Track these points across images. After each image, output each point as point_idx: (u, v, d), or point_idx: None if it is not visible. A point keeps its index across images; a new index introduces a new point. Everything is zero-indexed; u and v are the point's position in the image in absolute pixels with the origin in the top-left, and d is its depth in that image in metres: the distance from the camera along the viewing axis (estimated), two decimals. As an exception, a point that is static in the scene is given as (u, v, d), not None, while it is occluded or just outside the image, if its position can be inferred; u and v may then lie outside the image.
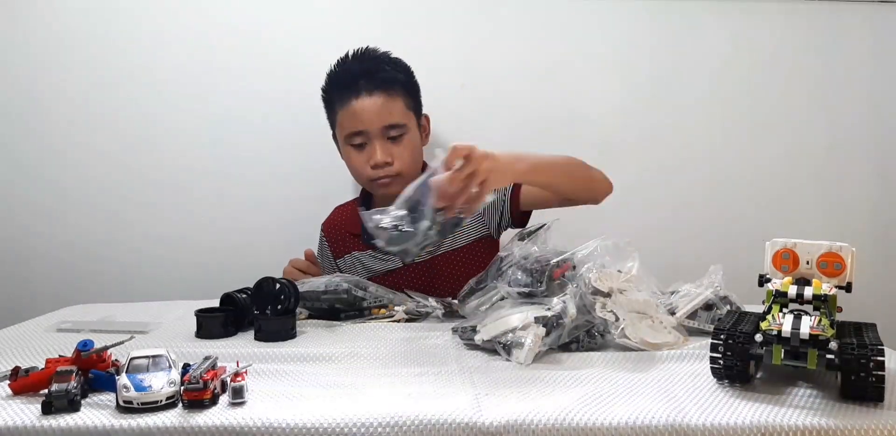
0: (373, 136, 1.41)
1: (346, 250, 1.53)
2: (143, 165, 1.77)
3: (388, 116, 1.41)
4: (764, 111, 1.82)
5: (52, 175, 1.77)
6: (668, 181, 1.83)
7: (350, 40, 1.74)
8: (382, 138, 1.41)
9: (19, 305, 1.72)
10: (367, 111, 1.40)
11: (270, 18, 1.76)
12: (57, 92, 1.75)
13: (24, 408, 0.80)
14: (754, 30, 1.80)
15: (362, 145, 1.43)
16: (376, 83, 1.41)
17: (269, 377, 0.92)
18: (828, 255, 0.90)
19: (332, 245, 1.55)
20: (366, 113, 1.40)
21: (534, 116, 1.80)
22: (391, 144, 1.42)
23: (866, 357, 0.80)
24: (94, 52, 1.74)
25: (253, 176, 1.79)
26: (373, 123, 1.40)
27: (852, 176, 1.84)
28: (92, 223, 1.78)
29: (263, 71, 1.76)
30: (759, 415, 0.79)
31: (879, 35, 1.81)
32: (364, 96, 1.40)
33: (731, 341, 0.86)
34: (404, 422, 0.77)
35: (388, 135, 1.42)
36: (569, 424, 0.77)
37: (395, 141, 1.42)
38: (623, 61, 1.80)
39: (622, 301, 1.07)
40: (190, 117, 1.76)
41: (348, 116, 1.41)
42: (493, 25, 1.78)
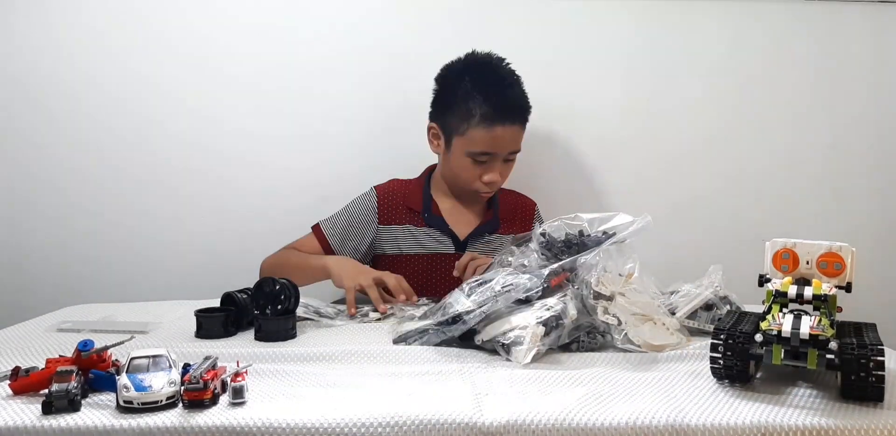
0: (497, 158, 1.51)
1: (398, 221, 1.58)
2: (143, 165, 1.77)
3: (516, 144, 1.53)
4: (764, 111, 1.82)
5: (52, 175, 1.76)
6: (667, 181, 1.82)
7: (350, 40, 1.76)
8: (502, 160, 1.52)
9: (19, 305, 1.72)
10: (506, 139, 1.49)
11: (270, 18, 1.75)
12: (57, 92, 1.74)
13: (24, 408, 0.80)
14: (754, 30, 1.80)
15: (483, 162, 1.51)
16: (522, 116, 1.53)
17: (269, 377, 0.92)
18: (828, 255, 0.90)
19: (381, 209, 1.58)
20: (504, 141, 1.49)
21: (533, 115, 1.79)
22: (504, 165, 1.54)
23: (866, 357, 0.81)
24: (93, 52, 1.74)
25: (253, 176, 1.79)
26: (504, 149, 1.51)
27: (852, 176, 1.84)
28: (92, 223, 1.77)
29: (263, 71, 1.76)
30: (759, 415, 0.79)
31: (879, 35, 1.81)
32: (508, 125, 1.49)
33: (731, 341, 0.86)
34: (404, 422, 0.77)
35: (507, 158, 1.53)
36: (569, 424, 0.77)
37: (507, 164, 1.55)
38: (623, 61, 1.80)
39: (624, 304, 1.07)
40: (190, 118, 1.76)
41: (487, 137, 1.48)
42: (493, 24, 1.77)
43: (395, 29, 1.75)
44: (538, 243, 1.17)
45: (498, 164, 1.51)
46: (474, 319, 1.04)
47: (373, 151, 1.77)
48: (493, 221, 1.59)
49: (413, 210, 1.57)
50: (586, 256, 1.11)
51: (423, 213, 1.56)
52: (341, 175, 1.76)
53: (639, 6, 1.78)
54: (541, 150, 1.80)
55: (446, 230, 1.56)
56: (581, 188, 1.81)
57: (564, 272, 1.10)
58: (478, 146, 1.48)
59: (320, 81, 1.77)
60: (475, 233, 1.57)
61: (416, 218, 1.57)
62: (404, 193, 1.60)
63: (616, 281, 1.11)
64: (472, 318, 1.04)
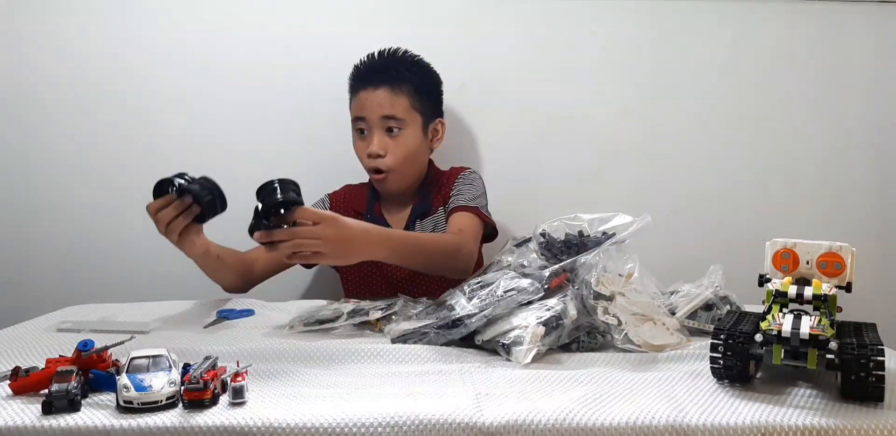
0: (372, 125, 1.53)
1: None
2: (142, 164, 1.77)
3: (388, 108, 1.52)
4: (764, 111, 1.82)
5: (51, 175, 1.77)
6: (667, 181, 1.82)
7: (350, 40, 1.75)
8: (381, 130, 1.53)
9: (19, 305, 1.72)
10: (370, 101, 1.52)
11: (270, 18, 1.75)
12: (57, 92, 1.75)
13: (24, 408, 0.80)
14: (754, 30, 1.80)
15: (363, 133, 1.54)
16: (383, 78, 1.53)
17: (269, 377, 0.92)
18: (828, 255, 0.90)
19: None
20: (368, 102, 1.53)
21: (534, 115, 1.80)
22: (387, 138, 1.53)
23: (866, 357, 0.80)
24: (93, 52, 1.74)
25: (252, 176, 1.77)
26: (373, 112, 1.52)
27: (852, 176, 1.84)
28: (92, 223, 1.78)
29: (262, 72, 1.76)
30: (759, 415, 0.79)
31: (880, 35, 1.81)
32: (371, 88, 1.53)
33: (731, 341, 0.86)
34: (404, 422, 0.77)
35: (385, 126, 1.52)
36: (569, 424, 0.77)
37: (391, 135, 1.53)
38: (623, 61, 1.80)
39: (624, 304, 1.07)
40: (190, 117, 1.76)
41: (356, 103, 1.55)
42: (494, 25, 1.78)
43: (395, 29, 1.75)
44: (538, 244, 1.18)
45: (376, 134, 1.52)
46: (476, 323, 1.04)
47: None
48: (423, 203, 1.59)
49: (358, 212, 1.60)
50: (586, 257, 1.11)
51: (365, 214, 1.59)
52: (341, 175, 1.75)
53: (639, 6, 1.78)
54: (541, 150, 1.81)
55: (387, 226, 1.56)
56: (581, 188, 1.81)
57: (564, 273, 1.10)
58: (352, 114, 1.55)
59: (321, 81, 1.77)
60: (409, 223, 1.58)
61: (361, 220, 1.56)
62: (352, 196, 1.65)
63: (616, 281, 1.11)
64: (473, 322, 1.04)
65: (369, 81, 1.54)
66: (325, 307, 1.28)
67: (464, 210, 1.51)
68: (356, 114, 1.54)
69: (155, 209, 1.27)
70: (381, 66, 1.57)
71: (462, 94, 1.73)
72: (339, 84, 1.75)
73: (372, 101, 1.52)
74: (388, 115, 1.52)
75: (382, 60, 1.58)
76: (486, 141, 1.80)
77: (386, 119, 1.52)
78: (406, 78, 1.55)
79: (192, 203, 1.23)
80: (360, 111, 1.53)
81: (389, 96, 1.52)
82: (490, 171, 1.80)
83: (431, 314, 1.12)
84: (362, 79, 1.56)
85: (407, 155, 1.54)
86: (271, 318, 1.30)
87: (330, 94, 1.76)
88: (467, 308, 1.05)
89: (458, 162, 1.72)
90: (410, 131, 1.54)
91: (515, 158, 1.81)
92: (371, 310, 1.26)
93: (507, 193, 1.79)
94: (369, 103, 1.52)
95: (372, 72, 1.56)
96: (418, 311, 1.17)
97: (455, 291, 1.13)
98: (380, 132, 1.52)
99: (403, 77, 1.55)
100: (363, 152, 1.54)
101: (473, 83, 1.76)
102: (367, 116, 1.52)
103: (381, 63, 1.57)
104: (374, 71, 1.56)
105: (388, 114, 1.52)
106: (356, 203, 1.63)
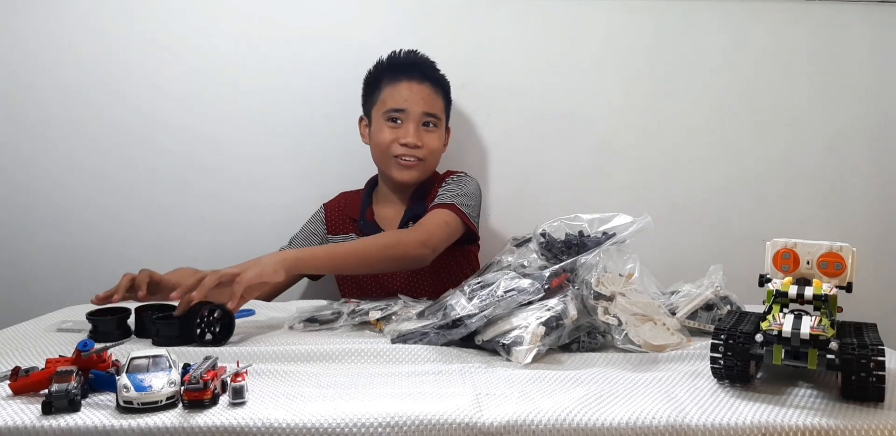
0: (411, 117, 1.54)
1: (344, 231, 1.63)
2: (142, 165, 1.77)
3: (431, 105, 1.56)
4: (764, 111, 1.82)
5: (51, 175, 1.76)
6: (667, 181, 1.82)
7: (350, 40, 1.76)
8: (418, 123, 1.55)
9: (19, 305, 1.72)
10: (415, 94, 1.54)
11: (270, 18, 1.75)
12: (57, 92, 1.74)
13: (24, 408, 0.80)
14: (754, 30, 1.80)
15: (397, 122, 1.54)
16: (428, 74, 1.58)
17: (269, 377, 0.92)
18: (828, 255, 0.90)
19: (329, 223, 1.65)
20: (413, 95, 1.54)
21: (533, 115, 1.80)
22: (424, 131, 1.55)
23: (866, 357, 0.80)
24: (93, 52, 1.74)
25: (251, 177, 1.79)
26: (417, 106, 1.54)
27: (852, 176, 1.84)
28: (92, 224, 1.78)
29: (261, 73, 1.76)
30: (759, 415, 0.79)
31: (879, 35, 1.81)
32: (416, 81, 1.55)
33: (732, 340, 0.86)
34: (404, 422, 0.77)
35: (423, 120, 1.55)
36: (569, 424, 0.77)
37: (427, 129, 1.56)
38: (623, 61, 1.80)
39: (624, 304, 1.07)
40: (189, 119, 1.76)
41: (395, 92, 1.54)
42: (493, 25, 1.78)
43: (398, 32, 1.75)
44: (538, 244, 1.17)
45: (413, 126, 1.53)
46: (476, 323, 1.04)
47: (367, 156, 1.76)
48: (416, 206, 1.59)
49: (353, 219, 1.62)
50: (586, 257, 1.11)
51: (359, 220, 1.61)
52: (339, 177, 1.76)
53: (639, 6, 1.78)
54: (541, 150, 1.81)
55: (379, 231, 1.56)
56: (581, 188, 1.81)
57: (565, 273, 1.10)
58: (388, 104, 1.54)
59: (321, 82, 1.77)
60: (402, 224, 1.58)
61: (356, 226, 1.62)
62: (346, 203, 1.66)
63: (616, 281, 1.11)
64: (473, 322, 1.04)
65: (413, 74, 1.55)
66: (325, 307, 1.28)
67: (440, 207, 1.49)
68: (395, 104, 1.53)
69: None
70: (424, 62, 1.59)
71: (462, 95, 1.73)
72: (338, 84, 1.76)
73: (416, 94, 1.54)
74: (429, 111, 1.55)
75: (423, 58, 1.60)
76: (486, 141, 1.80)
77: (426, 114, 1.55)
78: (444, 80, 1.61)
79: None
80: (401, 102, 1.53)
81: (432, 93, 1.56)
82: (490, 171, 1.80)
83: (431, 314, 1.12)
84: (405, 70, 1.55)
85: (437, 150, 1.59)
86: (271, 318, 1.30)
87: (328, 97, 1.76)
88: (467, 308, 1.05)
89: (458, 162, 1.73)
90: (440, 130, 1.59)
91: (515, 157, 1.81)
92: (371, 310, 1.26)
93: (507, 193, 1.80)
94: (413, 96, 1.53)
95: (417, 66, 1.57)
96: (418, 311, 1.17)
97: (455, 292, 1.13)
98: (416, 125, 1.54)
99: (442, 78, 1.61)
100: (390, 140, 1.53)
101: (473, 83, 1.76)
102: (408, 108, 1.53)
103: (423, 60, 1.60)
104: (418, 65, 1.58)
105: (429, 110, 1.55)
106: (351, 210, 1.64)
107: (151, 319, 1.12)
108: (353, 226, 1.62)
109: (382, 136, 1.54)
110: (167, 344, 1.06)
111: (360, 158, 1.69)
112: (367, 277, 1.59)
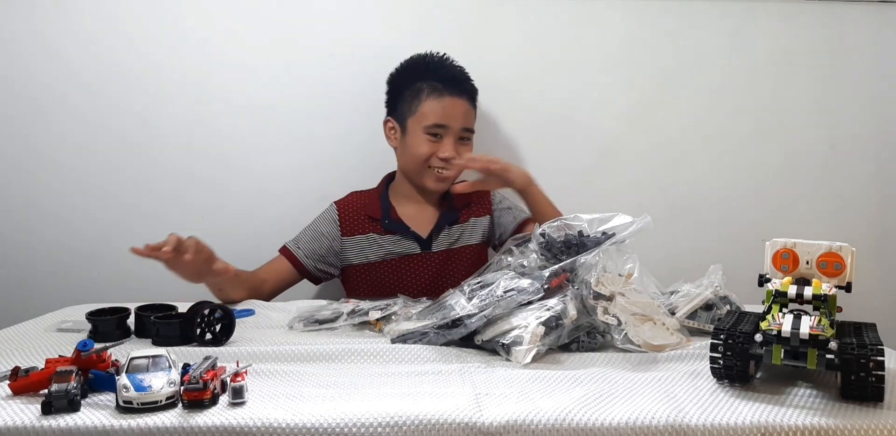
0: (451, 133, 1.56)
1: (361, 231, 1.61)
2: (141, 166, 1.77)
3: (469, 120, 1.59)
4: (764, 111, 1.82)
5: (51, 176, 1.76)
6: (667, 181, 1.82)
7: (350, 40, 1.75)
8: (456, 137, 1.57)
9: (19, 305, 1.72)
10: (457, 110, 1.56)
11: (270, 18, 1.75)
12: (56, 93, 1.74)
13: (24, 408, 0.80)
14: (754, 30, 1.80)
15: (437, 137, 1.56)
16: (466, 89, 1.60)
17: (269, 377, 0.92)
18: (828, 255, 0.90)
19: (343, 223, 1.62)
20: (455, 111, 1.56)
21: (534, 115, 1.80)
22: (459, 144, 1.58)
23: (866, 357, 0.81)
24: (92, 54, 1.73)
25: (250, 178, 1.79)
26: (457, 122, 1.56)
27: (852, 176, 1.83)
28: (92, 224, 1.77)
29: (261, 74, 1.76)
30: (759, 415, 0.79)
31: (880, 35, 1.81)
32: (457, 96, 1.57)
33: (731, 340, 0.86)
34: (404, 422, 0.77)
35: (460, 135, 1.58)
36: (569, 424, 0.77)
37: (463, 143, 1.59)
38: (623, 61, 1.80)
39: (624, 304, 1.07)
40: (189, 120, 1.76)
41: (438, 108, 1.55)
42: (494, 25, 1.77)
43: (398, 33, 1.75)
44: (538, 244, 1.18)
45: (451, 140, 1.55)
46: (476, 323, 1.04)
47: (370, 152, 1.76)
48: (451, 213, 1.61)
49: (373, 218, 1.61)
50: (586, 257, 1.11)
51: (382, 219, 1.60)
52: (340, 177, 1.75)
53: (639, 6, 1.78)
54: (541, 150, 1.81)
55: (408, 232, 1.58)
56: (581, 188, 1.81)
57: (564, 273, 1.11)
58: (430, 119, 1.54)
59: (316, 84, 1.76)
60: (436, 228, 1.59)
61: (377, 226, 1.60)
62: (363, 203, 1.64)
63: (616, 281, 1.11)
64: (473, 322, 1.04)
65: (454, 89, 1.56)
66: (325, 307, 1.28)
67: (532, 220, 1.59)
68: (438, 120, 1.54)
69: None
70: (462, 76, 1.61)
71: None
72: (339, 84, 1.76)
73: (457, 110, 1.56)
74: (466, 126, 1.58)
75: (460, 70, 1.61)
76: (487, 141, 1.79)
77: (464, 129, 1.57)
78: (476, 92, 1.63)
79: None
80: (444, 118, 1.54)
81: (469, 108, 1.59)
82: (490, 171, 1.80)
83: (431, 314, 1.12)
84: (448, 83, 1.57)
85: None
86: (271, 318, 1.30)
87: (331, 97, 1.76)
88: (467, 308, 1.05)
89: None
90: (471, 145, 1.61)
91: (515, 157, 1.81)
92: (371, 310, 1.26)
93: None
94: (455, 112, 1.55)
95: (458, 81, 1.59)
96: (418, 311, 1.17)
97: (455, 292, 1.13)
98: (454, 139, 1.56)
99: (475, 91, 1.63)
100: (429, 154, 1.55)
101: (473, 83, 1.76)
102: (449, 124, 1.55)
103: (461, 73, 1.61)
104: (459, 81, 1.59)
105: (467, 126, 1.58)
106: (370, 210, 1.62)
107: (151, 320, 1.12)
108: (372, 225, 1.60)
109: (421, 149, 1.55)
110: (167, 344, 1.06)
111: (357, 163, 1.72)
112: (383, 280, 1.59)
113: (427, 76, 1.58)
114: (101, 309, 1.18)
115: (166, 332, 1.10)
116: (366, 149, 1.75)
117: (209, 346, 1.07)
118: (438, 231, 1.60)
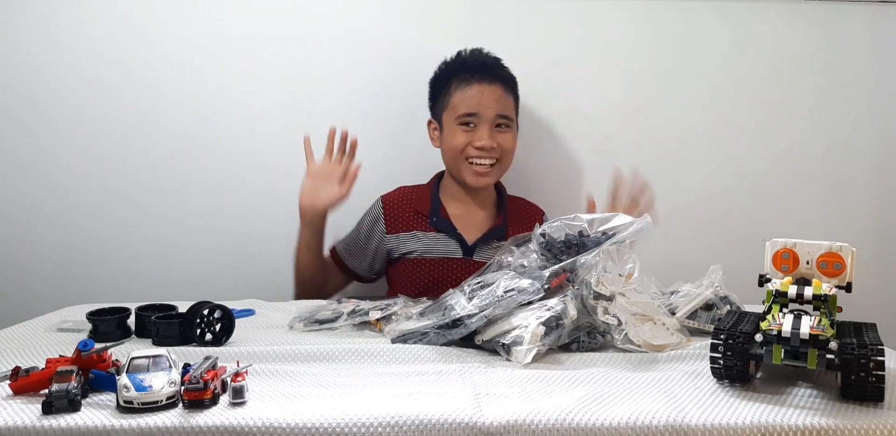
0: (484, 120, 1.52)
1: (406, 228, 1.58)
2: (142, 166, 1.77)
3: (504, 106, 1.54)
4: (764, 111, 1.82)
5: (51, 176, 1.76)
6: (667, 181, 1.82)
7: (350, 40, 1.75)
8: (491, 125, 1.53)
9: (19, 305, 1.72)
10: (487, 97, 1.51)
11: (270, 18, 1.75)
12: (56, 93, 1.74)
13: (24, 408, 0.80)
14: (754, 30, 1.80)
15: (470, 126, 1.53)
16: (499, 75, 1.55)
17: (269, 377, 0.92)
18: (828, 255, 0.90)
19: (388, 218, 1.59)
20: (485, 98, 1.51)
21: (534, 115, 1.80)
22: (497, 132, 1.53)
23: (866, 357, 0.81)
24: (92, 54, 1.73)
25: (251, 178, 1.79)
26: (489, 109, 1.51)
27: (852, 176, 1.83)
28: (92, 224, 1.77)
29: (260, 74, 1.75)
30: (759, 415, 0.79)
31: (879, 35, 1.81)
32: (486, 83, 1.52)
33: (731, 341, 0.86)
34: (404, 422, 0.77)
35: (496, 123, 1.53)
36: (569, 424, 0.77)
37: (501, 130, 1.54)
38: (623, 61, 1.80)
39: (624, 304, 1.07)
40: (189, 120, 1.76)
41: (467, 96, 1.52)
42: (494, 25, 1.77)
43: (398, 33, 1.75)
44: (538, 244, 1.18)
45: (487, 128, 1.52)
46: (476, 323, 1.04)
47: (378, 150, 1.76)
48: (502, 227, 1.58)
49: (421, 214, 1.58)
50: (586, 257, 1.11)
51: (430, 217, 1.57)
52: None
53: (639, 6, 1.78)
54: (541, 150, 1.81)
55: (454, 234, 1.56)
56: (581, 188, 1.81)
57: (564, 273, 1.11)
58: (460, 109, 1.52)
59: (324, 81, 1.76)
60: (484, 238, 1.57)
61: (424, 222, 1.58)
62: (412, 198, 1.61)
63: (616, 281, 1.11)
64: (473, 322, 1.04)
65: (482, 75, 1.52)
66: (325, 307, 1.28)
67: None
68: (467, 109, 1.51)
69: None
70: (494, 62, 1.57)
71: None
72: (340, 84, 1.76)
73: (488, 96, 1.51)
74: (502, 113, 1.53)
75: (490, 57, 1.57)
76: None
77: (499, 117, 1.53)
78: (513, 78, 1.58)
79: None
80: (473, 106, 1.51)
81: (504, 94, 1.54)
82: (490, 171, 1.80)
83: (431, 314, 1.12)
84: (474, 71, 1.53)
85: (511, 150, 1.57)
86: (271, 318, 1.30)
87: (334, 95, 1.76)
88: (467, 308, 1.05)
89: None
90: (513, 131, 1.57)
91: (515, 157, 1.80)
92: (371, 310, 1.26)
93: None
94: (485, 99, 1.51)
95: (486, 66, 1.55)
96: (418, 311, 1.17)
97: (455, 292, 1.13)
98: (489, 127, 1.52)
99: (511, 77, 1.58)
100: (465, 144, 1.52)
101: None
102: (480, 111, 1.51)
103: (492, 59, 1.57)
104: (488, 66, 1.55)
105: (502, 112, 1.53)
106: (419, 205, 1.60)
107: (152, 320, 1.12)
108: (419, 222, 1.58)
109: (456, 140, 1.53)
110: (167, 344, 1.06)
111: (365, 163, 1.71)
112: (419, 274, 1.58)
113: (457, 70, 1.56)
114: (101, 309, 1.18)
115: (166, 332, 1.10)
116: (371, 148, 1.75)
117: (209, 346, 1.07)
118: (485, 242, 1.56)
